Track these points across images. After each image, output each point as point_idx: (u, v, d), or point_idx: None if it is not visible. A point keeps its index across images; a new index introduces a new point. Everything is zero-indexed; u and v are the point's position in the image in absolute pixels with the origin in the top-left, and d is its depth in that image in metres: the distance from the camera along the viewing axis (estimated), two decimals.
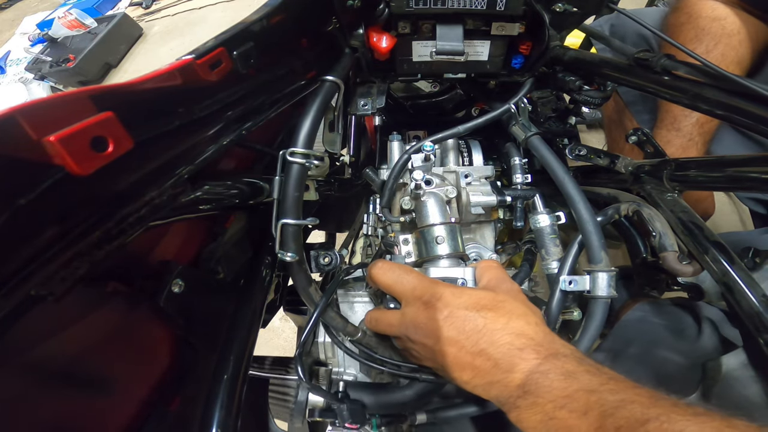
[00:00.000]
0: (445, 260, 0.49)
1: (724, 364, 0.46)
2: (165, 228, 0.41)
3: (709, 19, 0.72)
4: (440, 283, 0.42)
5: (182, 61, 0.29)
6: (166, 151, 0.30)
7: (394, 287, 0.44)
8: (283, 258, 0.40)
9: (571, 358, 0.34)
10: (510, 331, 0.36)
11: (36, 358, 0.28)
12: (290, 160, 0.39)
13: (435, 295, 0.40)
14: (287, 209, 0.40)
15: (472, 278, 0.47)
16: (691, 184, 0.52)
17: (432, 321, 0.39)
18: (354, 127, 0.76)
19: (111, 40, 2.87)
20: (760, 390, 0.43)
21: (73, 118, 0.21)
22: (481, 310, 0.38)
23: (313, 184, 0.54)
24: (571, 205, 0.48)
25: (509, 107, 0.56)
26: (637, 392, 0.30)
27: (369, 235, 0.65)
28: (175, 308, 0.40)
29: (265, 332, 0.56)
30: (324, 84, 0.44)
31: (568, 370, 0.32)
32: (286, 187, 0.40)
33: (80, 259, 0.25)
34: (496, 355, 0.35)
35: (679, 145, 0.76)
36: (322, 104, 0.43)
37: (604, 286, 0.45)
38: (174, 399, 0.40)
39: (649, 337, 0.59)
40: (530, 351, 0.35)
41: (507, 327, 0.37)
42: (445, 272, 0.48)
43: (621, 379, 0.31)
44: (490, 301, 0.39)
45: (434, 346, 0.39)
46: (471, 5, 0.47)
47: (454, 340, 0.38)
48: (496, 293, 0.40)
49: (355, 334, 0.48)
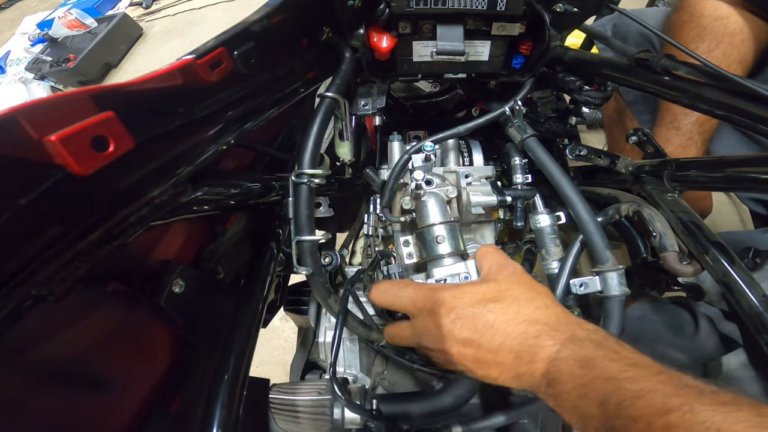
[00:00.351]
0: (447, 259, 0.49)
1: (725, 364, 0.46)
2: (165, 228, 0.41)
3: (711, 18, 0.72)
4: (439, 288, 0.41)
5: (182, 61, 0.29)
6: (166, 151, 0.30)
7: (395, 306, 0.44)
8: (300, 272, 0.43)
9: (587, 341, 0.33)
10: (522, 319, 0.35)
11: (36, 358, 0.28)
12: (297, 181, 0.41)
13: (437, 302, 0.39)
14: (301, 227, 0.42)
15: (475, 271, 0.46)
16: (692, 184, 0.52)
17: (440, 327, 0.38)
18: (354, 127, 0.76)
19: (111, 40, 2.87)
20: (761, 390, 0.43)
21: (74, 118, 0.21)
22: (487, 304, 0.37)
23: (326, 201, 0.55)
24: (570, 207, 0.48)
25: (504, 110, 0.56)
26: (659, 379, 0.28)
27: (369, 235, 0.65)
28: (175, 308, 0.40)
29: (265, 332, 0.56)
30: (324, 101, 0.45)
31: (585, 356, 0.31)
32: (297, 207, 0.42)
33: (80, 259, 0.25)
34: (515, 347, 0.34)
35: (678, 143, 0.76)
36: (322, 123, 0.44)
37: (616, 284, 0.45)
38: (174, 399, 0.40)
39: (649, 334, 0.59)
40: (546, 337, 0.34)
41: (518, 316, 0.36)
42: (449, 270, 0.47)
43: (643, 364, 0.30)
44: (495, 293, 0.38)
45: (451, 350, 0.38)
46: (471, 5, 0.47)
47: (469, 340, 0.37)
48: (498, 282, 0.39)
49: (380, 340, 0.50)
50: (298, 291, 0.68)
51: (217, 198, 0.42)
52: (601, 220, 0.51)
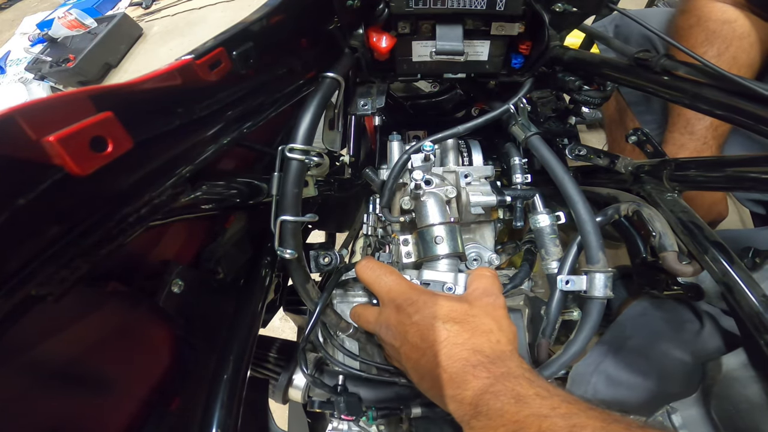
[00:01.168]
0: (444, 261, 0.49)
1: (724, 364, 0.46)
2: (165, 228, 0.41)
3: (719, 21, 0.71)
4: (418, 289, 0.42)
5: (182, 61, 0.29)
6: (165, 151, 0.30)
7: (372, 286, 0.45)
8: (282, 255, 0.40)
9: (522, 379, 0.33)
10: (468, 347, 0.36)
11: (36, 358, 0.28)
12: (289, 156, 0.39)
13: (408, 300, 0.41)
14: (286, 206, 0.39)
15: (463, 285, 0.47)
16: (691, 184, 0.51)
17: (401, 325, 0.40)
18: (354, 127, 0.76)
19: (111, 40, 2.87)
20: (760, 390, 0.43)
21: (73, 118, 0.21)
22: (447, 322, 0.38)
23: (312, 180, 0.54)
24: (571, 206, 0.48)
25: (508, 107, 0.56)
26: (589, 415, 0.29)
27: (369, 235, 0.65)
28: (175, 308, 0.40)
29: (265, 332, 0.56)
30: (324, 80, 0.44)
31: (519, 393, 0.32)
32: (284, 184, 0.39)
33: (80, 259, 0.25)
34: (451, 370, 0.35)
35: (693, 148, 0.75)
36: (322, 100, 0.42)
37: (601, 286, 0.45)
38: (174, 399, 0.40)
39: (650, 329, 0.59)
40: (482, 369, 0.34)
41: (467, 342, 0.37)
42: (437, 276, 0.48)
43: (574, 401, 0.31)
44: (461, 314, 0.39)
45: (400, 349, 0.40)
46: (471, 5, 0.47)
47: (417, 347, 0.38)
48: (471, 306, 0.40)
49: (347, 330, 0.50)
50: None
51: (216, 198, 0.42)
52: (600, 219, 0.51)
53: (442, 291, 0.47)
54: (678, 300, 0.60)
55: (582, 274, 0.47)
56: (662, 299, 0.61)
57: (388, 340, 0.42)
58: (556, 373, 0.48)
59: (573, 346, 0.46)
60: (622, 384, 0.57)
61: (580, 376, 0.59)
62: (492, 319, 0.39)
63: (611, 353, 0.59)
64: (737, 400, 0.44)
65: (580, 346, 0.46)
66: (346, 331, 0.50)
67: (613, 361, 0.58)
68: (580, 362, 0.59)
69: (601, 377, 0.58)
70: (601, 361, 0.59)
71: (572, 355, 0.46)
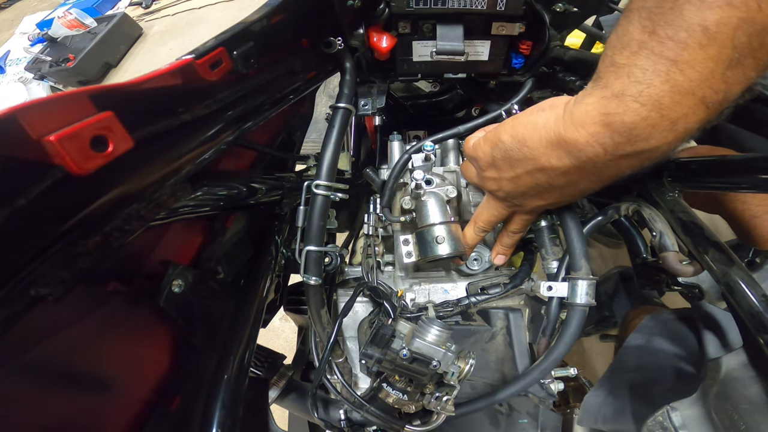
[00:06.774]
0: (434, 330, 0.46)
1: (724, 364, 0.46)
2: (165, 228, 0.41)
3: None
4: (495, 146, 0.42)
5: (182, 60, 0.29)
6: (166, 150, 0.30)
7: (473, 148, 0.45)
8: (308, 281, 0.43)
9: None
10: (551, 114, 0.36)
11: (36, 358, 0.28)
12: (315, 192, 0.41)
13: (491, 130, 0.43)
14: (311, 237, 0.42)
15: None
16: (692, 184, 0.51)
17: (497, 134, 0.41)
18: (354, 127, 0.77)
19: (111, 40, 2.87)
20: (760, 390, 0.43)
21: (73, 118, 0.21)
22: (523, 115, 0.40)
23: (332, 213, 0.55)
24: (556, 211, 0.49)
25: (500, 113, 0.56)
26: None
27: (369, 235, 0.65)
28: (175, 308, 0.40)
29: (265, 332, 0.56)
30: (338, 112, 0.45)
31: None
32: (311, 217, 0.42)
33: (80, 259, 0.25)
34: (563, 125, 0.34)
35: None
36: (340, 133, 0.45)
37: (582, 294, 0.46)
38: (174, 399, 0.40)
39: (654, 359, 0.59)
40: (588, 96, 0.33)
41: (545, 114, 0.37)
42: (428, 349, 0.44)
43: None
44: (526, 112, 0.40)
45: (501, 137, 0.40)
46: (471, 5, 0.47)
47: (523, 123, 0.39)
48: (512, 118, 0.42)
49: (340, 357, 0.54)
50: (298, 291, 0.68)
51: (217, 198, 0.42)
52: (600, 219, 0.51)
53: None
54: (680, 318, 0.60)
55: (565, 280, 0.47)
56: (661, 318, 0.61)
57: (485, 146, 0.42)
58: (537, 380, 0.48)
59: (553, 353, 0.46)
60: (627, 414, 0.59)
61: (590, 407, 0.60)
62: (535, 110, 0.40)
63: (618, 386, 0.60)
64: (737, 400, 0.44)
65: (561, 352, 0.46)
66: (339, 358, 0.52)
67: (619, 394, 0.60)
68: (590, 393, 0.60)
69: (609, 409, 0.60)
70: (607, 393, 0.60)
71: (552, 362, 0.47)
